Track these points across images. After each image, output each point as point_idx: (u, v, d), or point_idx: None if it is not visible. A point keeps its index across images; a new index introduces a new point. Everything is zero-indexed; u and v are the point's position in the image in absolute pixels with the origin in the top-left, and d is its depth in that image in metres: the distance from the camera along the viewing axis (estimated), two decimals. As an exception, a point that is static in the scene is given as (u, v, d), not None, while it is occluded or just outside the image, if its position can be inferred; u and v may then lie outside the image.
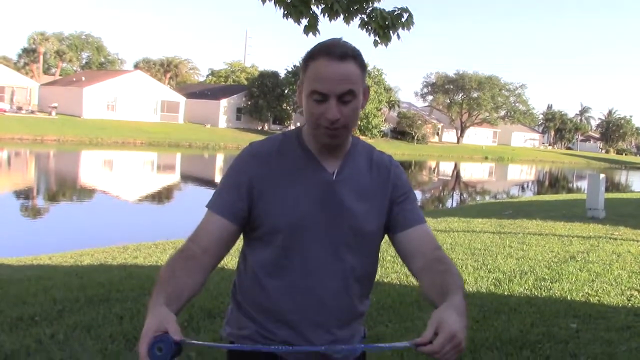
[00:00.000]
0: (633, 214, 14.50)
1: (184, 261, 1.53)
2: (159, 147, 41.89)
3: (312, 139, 1.63)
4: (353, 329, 1.69)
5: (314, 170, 1.62)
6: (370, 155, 1.72)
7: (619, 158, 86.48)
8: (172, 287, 1.46)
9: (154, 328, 1.30)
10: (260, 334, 1.62)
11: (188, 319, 4.71)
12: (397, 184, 1.71)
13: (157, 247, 9.09)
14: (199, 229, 1.61)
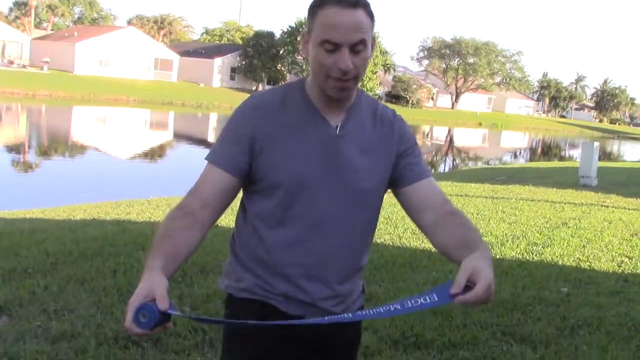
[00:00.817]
0: (625, 183, 14.57)
1: (182, 218, 1.51)
2: (151, 105, 41.52)
3: (319, 91, 1.58)
4: (352, 283, 1.67)
5: (317, 124, 1.58)
6: (374, 109, 1.68)
7: (612, 128, 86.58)
8: (169, 246, 1.44)
9: (144, 294, 1.30)
10: (260, 286, 1.60)
11: (182, 274, 4.71)
12: (402, 137, 1.67)
13: (150, 203, 9.07)
14: (199, 182, 1.58)
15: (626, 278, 5.64)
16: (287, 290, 1.58)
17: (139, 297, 1.29)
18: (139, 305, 1.28)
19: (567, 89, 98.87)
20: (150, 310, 1.28)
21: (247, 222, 1.64)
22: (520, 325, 4.12)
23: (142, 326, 1.28)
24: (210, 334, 3.60)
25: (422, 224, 1.61)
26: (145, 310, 1.28)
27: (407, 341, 3.70)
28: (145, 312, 1.28)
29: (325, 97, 1.58)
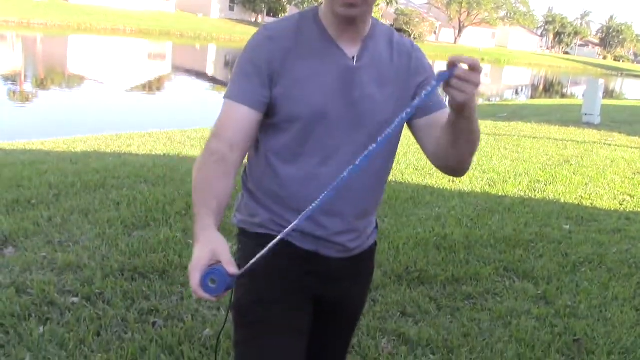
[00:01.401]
0: (628, 121, 14.49)
1: (216, 165, 1.46)
2: (149, 35, 40.76)
3: (332, 18, 1.51)
4: (368, 219, 1.65)
5: (333, 55, 1.51)
6: (390, 38, 1.60)
7: (616, 65, 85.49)
8: (213, 199, 1.43)
9: (208, 257, 1.27)
10: (274, 221, 1.57)
11: (186, 207, 4.71)
12: (419, 69, 1.60)
13: (151, 136, 9.00)
14: (222, 122, 1.51)
15: (628, 216, 5.66)
16: (302, 224, 1.54)
17: (203, 261, 1.26)
18: (206, 270, 1.25)
19: (572, 25, 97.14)
20: (220, 274, 1.25)
21: (260, 157, 1.60)
22: (523, 262, 4.15)
23: (211, 291, 1.25)
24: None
25: (434, 152, 1.56)
26: (215, 276, 1.24)
27: (411, 276, 3.73)
28: (214, 277, 1.25)
29: (340, 25, 1.51)
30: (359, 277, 1.69)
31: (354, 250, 1.62)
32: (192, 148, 7.91)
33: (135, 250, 3.75)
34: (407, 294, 3.47)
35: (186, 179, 5.68)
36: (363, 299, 1.77)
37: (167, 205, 4.71)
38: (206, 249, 1.29)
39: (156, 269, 3.52)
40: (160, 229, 4.19)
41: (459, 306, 3.40)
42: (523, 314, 3.34)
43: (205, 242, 1.31)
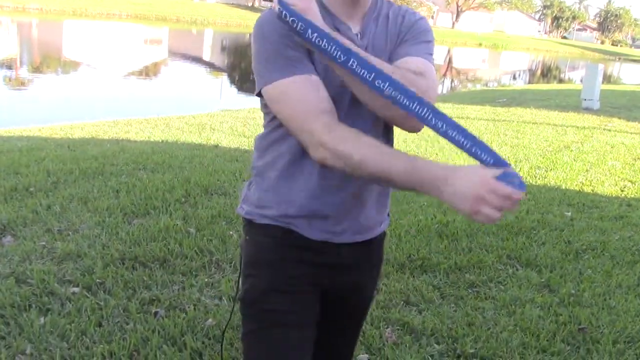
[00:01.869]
0: (627, 106, 14.44)
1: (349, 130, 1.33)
2: (145, 20, 40.50)
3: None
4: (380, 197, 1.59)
5: (340, 30, 1.45)
6: (387, 12, 1.53)
7: (614, 49, 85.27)
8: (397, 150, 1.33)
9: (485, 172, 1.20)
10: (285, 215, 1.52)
11: (185, 195, 4.68)
12: (405, 29, 1.50)
13: (149, 122, 8.94)
14: (306, 100, 1.35)
15: (629, 202, 5.64)
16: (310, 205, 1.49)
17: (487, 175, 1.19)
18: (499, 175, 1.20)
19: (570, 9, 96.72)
20: (514, 175, 1.21)
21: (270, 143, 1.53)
22: (525, 249, 4.13)
23: (519, 187, 1.20)
24: (216, 255, 3.59)
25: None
26: (512, 177, 1.20)
27: (414, 264, 3.70)
28: (512, 179, 1.20)
29: (340, 1, 1.46)
30: (369, 267, 1.66)
31: (365, 233, 1.58)
32: (190, 134, 7.86)
33: (136, 238, 3.72)
34: (411, 283, 3.45)
35: (185, 165, 5.64)
36: (373, 290, 1.74)
37: (167, 193, 4.67)
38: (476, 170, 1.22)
39: (157, 257, 3.48)
40: (160, 216, 4.15)
41: (463, 295, 3.38)
42: (527, 302, 3.32)
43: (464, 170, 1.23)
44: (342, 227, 1.52)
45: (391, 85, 1.30)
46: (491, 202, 1.17)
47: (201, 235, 3.84)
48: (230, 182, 5.14)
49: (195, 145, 7.10)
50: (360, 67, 1.30)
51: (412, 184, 1.27)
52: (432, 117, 1.30)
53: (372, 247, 1.62)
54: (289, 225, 1.51)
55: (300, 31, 1.30)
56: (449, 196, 1.22)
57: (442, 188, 1.22)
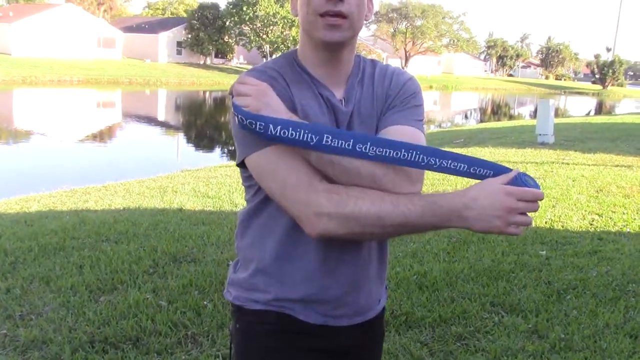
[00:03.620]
0: (580, 138, 14.78)
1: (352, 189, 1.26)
2: (97, 85, 40.23)
3: (311, 53, 1.38)
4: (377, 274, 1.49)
5: (322, 95, 1.37)
6: (373, 71, 1.46)
7: (558, 84, 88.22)
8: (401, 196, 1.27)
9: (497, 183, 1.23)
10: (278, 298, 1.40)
11: (153, 265, 4.49)
12: (392, 92, 1.44)
13: (107, 189, 8.70)
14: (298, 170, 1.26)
15: (600, 236, 5.65)
16: (305, 289, 1.37)
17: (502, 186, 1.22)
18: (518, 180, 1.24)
19: (513, 48, 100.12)
20: (526, 175, 1.27)
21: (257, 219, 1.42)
22: (507, 294, 4.05)
23: (537, 187, 1.25)
24: (192, 329, 3.40)
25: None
26: (526, 177, 1.26)
27: (397, 320, 3.58)
28: (527, 178, 1.26)
29: (322, 63, 1.38)
30: (371, 346, 1.54)
31: (366, 313, 1.46)
32: (152, 199, 7.66)
33: (104, 317, 3.51)
34: (397, 341, 3.32)
35: (150, 233, 5.45)
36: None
37: (134, 264, 4.47)
38: (486, 185, 1.24)
39: (128, 337, 3.28)
40: (128, 291, 3.95)
41: (452, 349, 3.26)
42: (518, 351, 3.22)
43: (475, 189, 1.24)
44: (342, 311, 1.41)
45: (373, 144, 1.24)
46: (521, 209, 1.19)
47: (174, 308, 3.66)
48: (198, 247, 4.97)
49: (159, 210, 6.91)
50: (336, 139, 1.23)
51: (432, 223, 1.22)
52: (423, 157, 1.27)
53: (374, 325, 1.51)
54: (284, 309, 1.39)
55: (261, 130, 1.24)
56: (475, 221, 1.19)
57: (465, 215, 1.19)
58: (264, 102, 1.25)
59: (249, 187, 1.43)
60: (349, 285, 1.40)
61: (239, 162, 1.35)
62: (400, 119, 1.40)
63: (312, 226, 1.25)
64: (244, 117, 1.24)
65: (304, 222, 1.26)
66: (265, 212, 1.39)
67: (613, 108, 48.25)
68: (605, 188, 7.99)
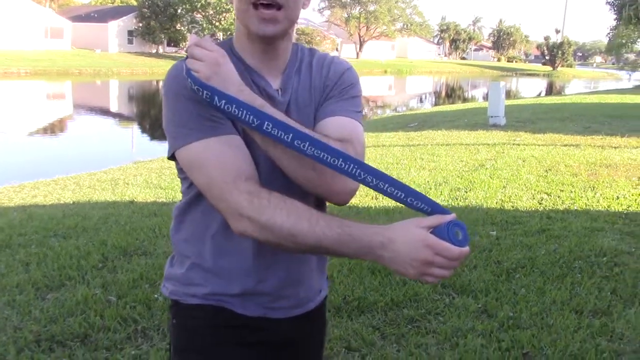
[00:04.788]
0: (531, 119, 15.07)
1: (276, 198, 1.20)
2: (45, 76, 39.15)
3: (247, 42, 1.34)
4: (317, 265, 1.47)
5: (258, 86, 1.34)
6: (312, 60, 1.43)
7: (510, 66, 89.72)
8: (328, 216, 1.20)
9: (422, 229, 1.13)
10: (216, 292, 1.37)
11: (103, 259, 4.40)
12: (330, 82, 1.41)
13: (57, 183, 8.50)
14: (224, 166, 1.22)
15: (548, 215, 5.78)
16: (242, 287, 1.35)
17: (425, 234, 1.12)
18: (439, 233, 1.12)
19: (465, 31, 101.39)
20: (457, 225, 1.14)
21: (192, 213, 1.39)
22: (458, 275, 4.10)
23: (468, 241, 1.14)
24: (142, 323, 3.35)
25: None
26: (456, 228, 1.14)
27: (350, 306, 3.59)
28: (457, 229, 1.14)
29: (258, 52, 1.34)
30: (312, 335, 1.53)
31: (306, 305, 1.45)
32: (103, 192, 7.52)
33: (51, 315, 3.43)
34: (350, 326, 3.33)
35: (100, 227, 5.34)
36: (320, 357, 1.61)
37: (82, 260, 4.38)
38: (410, 229, 1.13)
39: (76, 334, 3.21)
40: (76, 287, 3.87)
41: (404, 332, 3.29)
42: (468, 331, 3.27)
43: (398, 229, 1.14)
44: (281, 304, 1.39)
45: (312, 144, 1.21)
46: (438, 264, 1.10)
47: (123, 302, 3.59)
48: (150, 239, 4.89)
49: (110, 203, 6.78)
50: (276, 129, 1.20)
51: (346, 254, 1.17)
52: (360, 172, 1.23)
53: (314, 315, 1.50)
54: (221, 303, 1.37)
55: (207, 99, 1.21)
56: (390, 262, 1.13)
57: (379, 253, 1.13)
58: (215, 72, 1.21)
59: (183, 180, 1.40)
60: (287, 279, 1.38)
61: (169, 156, 1.32)
62: (338, 110, 1.38)
63: (234, 225, 1.23)
64: (193, 82, 1.21)
65: (228, 220, 1.24)
66: (200, 206, 1.36)
67: (563, 89, 49.34)
68: (554, 167, 8.17)
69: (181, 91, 1.26)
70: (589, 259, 4.43)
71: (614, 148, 10.01)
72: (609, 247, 4.66)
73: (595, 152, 9.49)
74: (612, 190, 6.77)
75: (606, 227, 5.29)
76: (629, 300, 3.69)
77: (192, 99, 1.25)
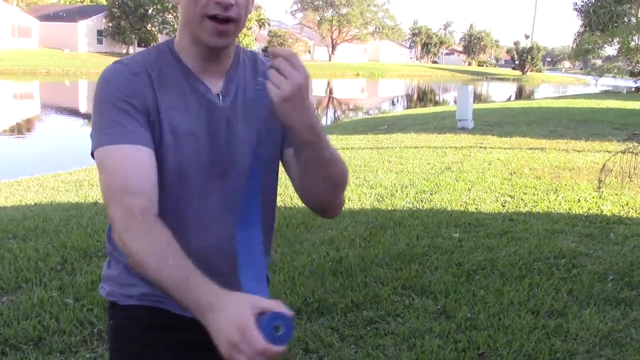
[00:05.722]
0: (499, 123, 15.26)
1: (155, 223, 1.19)
2: (12, 76, 38.48)
3: (192, 49, 1.32)
4: None
5: (197, 91, 1.33)
6: (254, 65, 1.44)
7: (480, 70, 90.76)
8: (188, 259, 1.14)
9: (249, 310, 1.01)
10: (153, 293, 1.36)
11: (62, 262, 4.34)
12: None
13: (20, 184, 8.36)
14: (122, 173, 1.21)
15: (511, 217, 5.85)
16: None
17: (247, 316, 1.00)
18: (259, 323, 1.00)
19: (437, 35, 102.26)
20: (280, 316, 1.01)
21: None
22: (419, 277, 4.13)
23: (284, 340, 1.01)
24: (98, 326, 3.31)
25: (300, 188, 1.40)
26: (277, 321, 1.01)
27: (310, 308, 3.59)
28: (277, 324, 1.01)
29: (203, 56, 1.34)
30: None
31: None
32: (67, 193, 7.41)
33: (5, 318, 3.36)
34: (308, 328, 3.33)
35: (61, 229, 5.26)
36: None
37: (40, 262, 4.30)
38: (241, 304, 1.02)
39: (30, 337, 3.16)
40: (33, 290, 3.80)
41: (362, 334, 3.30)
42: (426, 332, 3.29)
43: (232, 300, 1.05)
44: None
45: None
46: (244, 352, 1.00)
47: (80, 305, 3.54)
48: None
49: (73, 204, 6.69)
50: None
51: (181, 301, 1.11)
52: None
53: None
54: (157, 303, 1.36)
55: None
56: (211, 328, 1.05)
57: (206, 315, 1.06)
58: None
59: None
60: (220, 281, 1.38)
61: (91, 154, 1.31)
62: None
63: (113, 234, 1.23)
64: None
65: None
66: None
67: (532, 93, 50.08)
68: (519, 170, 8.28)
69: (108, 97, 1.27)
70: (548, 261, 4.50)
71: (577, 152, 10.18)
72: (568, 249, 4.74)
73: (560, 156, 9.65)
74: (573, 193, 6.89)
75: (566, 229, 5.37)
76: (584, 301, 3.75)
77: (116, 106, 1.25)
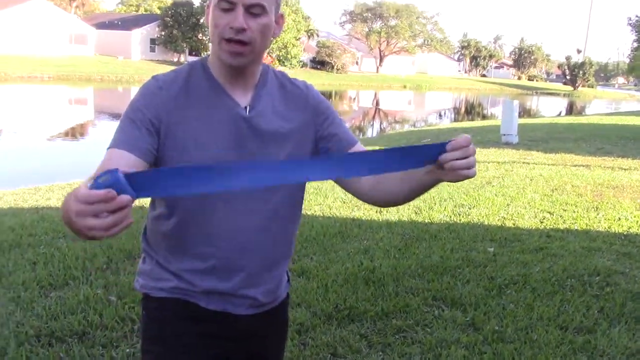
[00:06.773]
0: (544, 139, 15.08)
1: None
2: (68, 81, 39.80)
3: (220, 65, 1.47)
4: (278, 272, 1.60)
5: (225, 105, 1.47)
6: (282, 83, 1.58)
7: (530, 84, 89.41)
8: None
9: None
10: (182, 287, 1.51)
11: (107, 261, 4.55)
12: (318, 108, 1.59)
13: (72, 187, 8.70)
14: (98, 170, 1.33)
15: (548, 233, 5.84)
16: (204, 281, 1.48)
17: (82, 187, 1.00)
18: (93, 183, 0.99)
19: (486, 48, 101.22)
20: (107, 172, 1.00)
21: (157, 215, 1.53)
22: (450, 289, 4.19)
23: (101, 185, 0.98)
24: (138, 323, 3.48)
25: (361, 191, 1.57)
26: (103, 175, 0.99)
27: (341, 314, 3.70)
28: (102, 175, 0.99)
29: (229, 73, 1.48)
30: (271, 333, 1.65)
31: (266, 305, 1.57)
32: (115, 196, 7.68)
33: (53, 312, 3.57)
34: (338, 334, 3.44)
35: (108, 230, 5.49)
36: (279, 354, 1.73)
37: (87, 261, 4.53)
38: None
39: (75, 331, 3.35)
40: (79, 287, 4.02)
41: (390, 341, 3.39)
42: (453, 343, 3.36)
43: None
44: (240, 301, 1.52)
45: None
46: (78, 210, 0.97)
47: (122, 303, 3.73)
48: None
49: (120, 207, 6.93)
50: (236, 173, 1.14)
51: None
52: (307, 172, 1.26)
53: (275, 313, 1.62)
54: (185, 296, 1.50)
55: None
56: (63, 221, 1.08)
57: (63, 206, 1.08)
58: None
59: None
60: (245, 282, 1.51)
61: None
62: (350, 139, 1.61)
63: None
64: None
65: None
66: (162, 209, 1.51)
67: (583, 109, 49.08)
68: (561, 187, 8.22)
69: (129, 107, 1.45)
70: (582, 278, 4.50)
71: (623, 170, 10.02)
72: (603, 267, 4.72)
73: (604, 173, 9.52)
74: (615, 211, 6.81)
75: (604, 247, 5.34)
76: (615, 319, 3.76)
77: (129, 116, 1.43)
